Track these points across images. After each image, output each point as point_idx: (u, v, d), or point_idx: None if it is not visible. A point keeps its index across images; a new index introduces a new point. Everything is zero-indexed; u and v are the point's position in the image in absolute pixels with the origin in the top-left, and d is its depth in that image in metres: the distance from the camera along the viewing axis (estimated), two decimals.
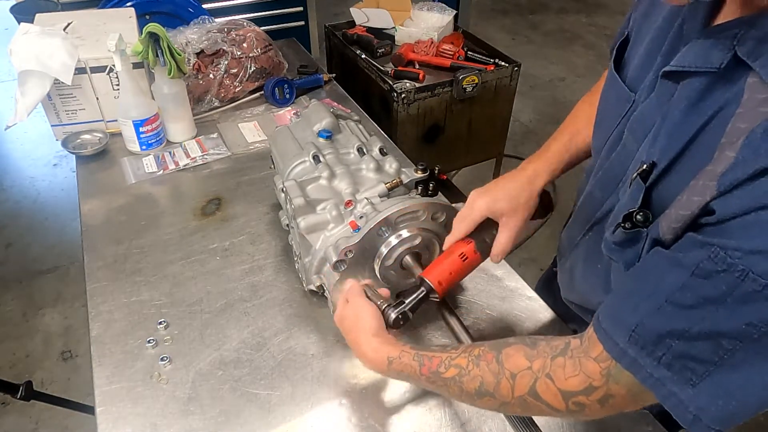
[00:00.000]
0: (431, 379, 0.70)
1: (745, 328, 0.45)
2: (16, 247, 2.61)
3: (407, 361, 0.73)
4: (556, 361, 0.61)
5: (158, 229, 1.19)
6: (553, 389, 0.60)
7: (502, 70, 2.02)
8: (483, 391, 0.65)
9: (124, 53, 1.27)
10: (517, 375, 0.63)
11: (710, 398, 0.49)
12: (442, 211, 0.91)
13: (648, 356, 0.52)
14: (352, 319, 0.82)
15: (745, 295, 0.45)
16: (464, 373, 0.67)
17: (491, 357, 0.65)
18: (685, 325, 0.49)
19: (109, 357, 0.92)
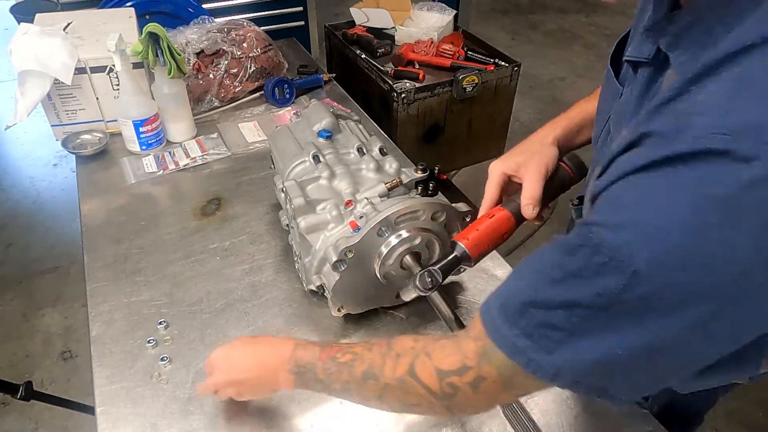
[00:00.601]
0: (326, 366, 0.70)
1: (595, 298, 0.46)
2: (16, 247, 2.61)
3: (311, 348, 0.73)
4: (439, 342, 0.62)
5: (158, 229, 1.19)
6: (430, 367, 0.60)
7: (502, 70, 2.01)
8: (369, 373, 0.65)
9: (124, 53, 1.27)
10: (401, 354, 0.63)
11: (565, 362, 0.50)
12: (442, 211, 0.91)
13: (513, 326, 0.53)
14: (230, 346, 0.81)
15: (597, 267, 0.46)
16: (357, 358, 0.68)
17: (383, 343, 0.67)
18: (548, 296, 0.50)
19: (109, 357, 0.92)
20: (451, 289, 1.06)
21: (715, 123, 0.39)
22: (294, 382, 0.73)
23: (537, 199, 0.80)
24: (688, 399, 0.86)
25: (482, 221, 0.83)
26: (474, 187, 0.87)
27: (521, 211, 0.81)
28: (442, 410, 0.62)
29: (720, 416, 1.92)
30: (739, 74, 0.41)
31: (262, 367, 0.77)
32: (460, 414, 0.63)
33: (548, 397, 0.88)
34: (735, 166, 0.38)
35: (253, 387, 0.78)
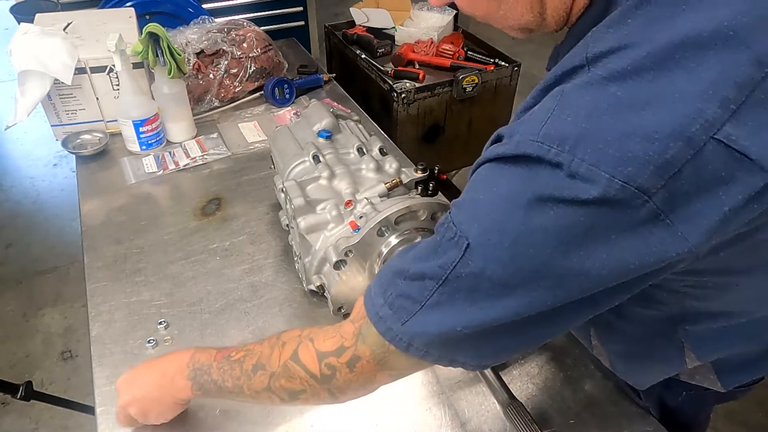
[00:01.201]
0: (221, 364, 0.70)
1: (438, 270, 0.52)
2: (16, 247, 2.61)
3: (208, 351, 0.73)
4: (323, 328, 0.65)
5: (158, 229, 1.19)
6: (312, 350, 0.63)
7: (502, 70, 2.01)
8: (258, 365, 0.67)
9: (124, 53, 1.27)
10: (287, 342, 0.66)
11: (414, 333, 0.55)
12: (442, 210, 0.91)
13: (380, 296, 0.58)
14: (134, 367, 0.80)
15: (446, 242, 0.52)
16: (248, 354, 0.69)
17: (274, 336, 0.69)
18: (410, 267, 0.56)
19: (109, 357, 0.92)
20: None
21: (534, 131, 0.46)
22: (191, 388, 0.72)
23: None
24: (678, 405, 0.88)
25: None
26: None
27: None
28: (325, 395, 0.64)
29: (720, 416, 1.92)
30: (561, 90, 0.47)
31: (162, 377, 0.75)
32: (342, 398, 0.65)
33: (548, 397, 0.88)
34: (542, 168, 0.45)
35: (153, 401, 0.76)
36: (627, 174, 0.42)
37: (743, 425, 1.91)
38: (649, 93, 0.42)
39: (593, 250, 0.46)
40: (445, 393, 0.89)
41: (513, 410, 0.72)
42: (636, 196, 0.42)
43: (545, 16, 0.55)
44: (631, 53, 0.44)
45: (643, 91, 0.43)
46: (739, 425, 1.92)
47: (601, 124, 0.43)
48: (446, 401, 0.87)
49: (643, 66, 0.43)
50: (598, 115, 0.44)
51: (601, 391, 0.89)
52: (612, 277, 0.47)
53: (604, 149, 0.42)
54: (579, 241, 0.46)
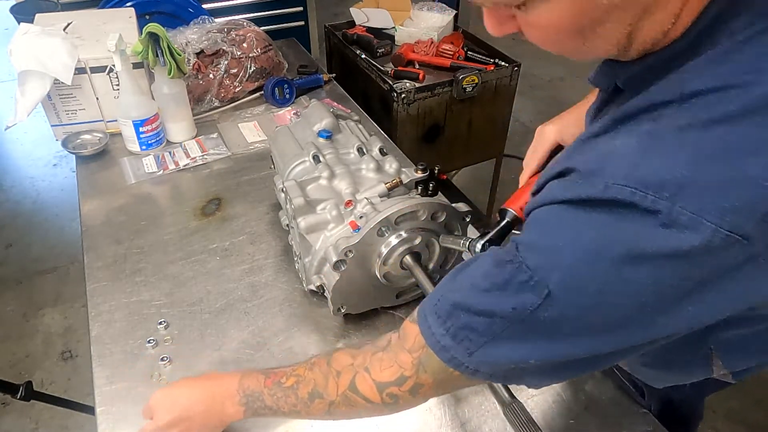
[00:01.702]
0: (272, 391, 0.71)
1: (512, 312, 0.51)
2: (16, 247, 2.61)
3: (255, 375, 0.73)
4: (375, 356, 0.64)
5: (158, 229, 1.19)
6: (369, 381, 0.63)
7: (502, 70, 2.01)
8: (315, 393, 0.68)
9: (124, 53, 1.27)
10: (341, 372, 0.66)
11: (482, 363, 0.56)
12: (442, 210, 0.91)
13: (441, 326, 0.57)
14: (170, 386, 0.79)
15: (518, 284, 0.50)
16: (301, 380, 0.69)
17: (323, 362, 0.69)
18: (473, 302, 0.54)
19: (109, 357, 0.92)
20: None
21: (625, 174, 0.43)
22: (244, 413, 0.73)
23: None
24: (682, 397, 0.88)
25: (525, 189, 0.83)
26: (474, 187, 0.87)
27: None
28: (387, 413, 0.66)
29: (720, 416, 1.92)
30: (654, 128, 0.44)
31: (210, 400, 0.74)
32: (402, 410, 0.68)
33: (548, 397, 0.88)
34: (634, 216, 0.43)
35: (200, 424, 0.75)
36: (733, 222, 0.40)
37: (743, 424, 1.91)
38: (759, 138, 0.41)
39: (687, 299, 0.45)
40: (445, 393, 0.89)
41: (513, 410, 0.72)
42: (739, 243, 0.41)
43: (629, 49, 0.51)
44: (739, 94, 0.42)
45: (752, 135, 0.41)
46: (738, 424, 1.92)
47: (705, 169, 0.41)
48: (446, 401, 0.87)
49: (752, 108, 0.41)
50: (701, 160, 0.41)
51: (601, 391, 0.89)
52: (701, 321, 0.47)
53: (709, 197, 0.40)
54: (673, 292, 0.44)
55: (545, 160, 0.86)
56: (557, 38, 0.50)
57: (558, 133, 0.85)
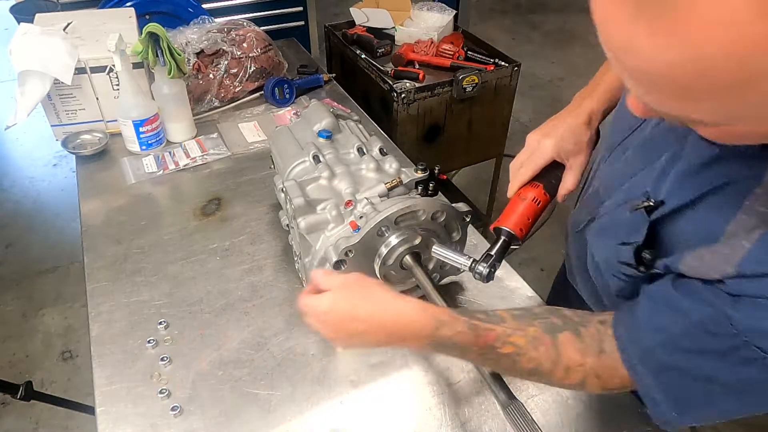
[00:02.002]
0: (482, 352, 0.67)
1: (737, 382, 0.54)
2: (16, 247, 2.61)
3: (461, 329, 0.66)
4: (602, 362, 0.66)
5: (158, 229, 1.19)
6: (599, 386, 0.68)
7: (502, 70, 2.01)
8: (537, 372, 0.69)
9: (124, 53, 1.26)
10: (571, 369, 0.67)
11: (690, 419, 0.59)
12: (442, 210, 0.91)
13: (653, 379, 0.60)
14: (354, 292, 0.69)
15: (744, 359, 0.52)
16: (521, 353, 0.67)
17: (549, 342, 0.67)
18: (685, 365, 0.57)
19: (109, 357, 0.92)
20: (450, 288, 1.06)
21: None
22: (430, 351, 0.75)
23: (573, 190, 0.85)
24: None
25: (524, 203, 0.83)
26: (474, 187, 0.88)
27: (559, 194, 0.85)
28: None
29: None
30: None
31: (390, 338, 0.67)
32: None
33: (548, 397, 0.88)
34: None
35: (373, 347, 0.77)
36: None
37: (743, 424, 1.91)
38: None
39: None
40: (445, 393, 0.89)
41: (513, 410, 0.72)
42: None
43: None
44: None
45: None
46: (739, 425, 1.91)
47: None
48: (446, 401, 0.88)
49: None
50: None
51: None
52: None
53: None
54: None
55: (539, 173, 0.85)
56: (741, 140, 0.45)
57: (556, 148, 0.83)
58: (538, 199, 0.83)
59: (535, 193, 0.83)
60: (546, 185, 0.84)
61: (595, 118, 0.86)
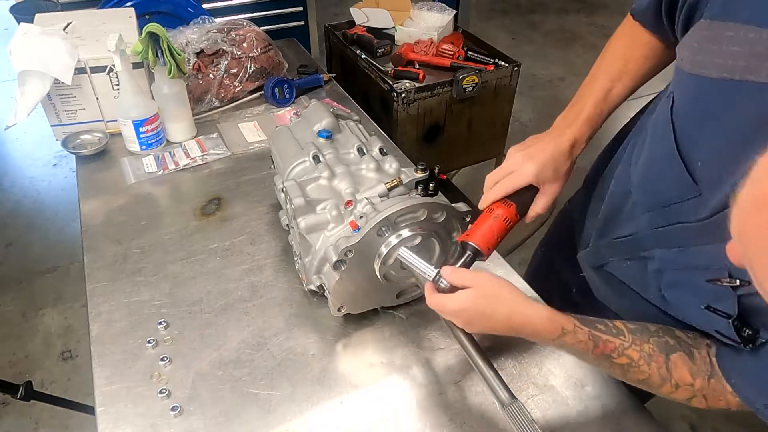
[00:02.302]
0: (599, 360, 0.75)
1: None
2: (16, 247, 2.61)
3: (582, 338, 0.74)
4: (710, 384, 0.71)
5: (158, 229, 1.19)
6: (704, 405, 0.73)
7: (502, 70, 2.01)
8: (645, 383, 0.74)
9: (124, 53, 1.26)
10: (680, 387, 0.72)
11: None
12: (442, 210, 0.91)
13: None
14: (489, 297, 0.74)
15: None
16: (634, 365, 0.73)
17: (662, 361, 0.73)
18: None
19: (109, 357, 0.92)
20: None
21: None
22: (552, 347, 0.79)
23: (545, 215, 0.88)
24: None
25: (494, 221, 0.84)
26: (474, 188, 0.88)
27: (528, 215, 0.88)
28: None
29: (720, 416, 1.92)
30: None
31: (518, 334, 0.75)
32: None
33: (548, 397, 0.88)
34: None
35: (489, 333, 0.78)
36: None
37: (743, 424, 1.91)
38: None
39: None
40: (445, 393, 0.89)
41: (513, 410, 0.72)
42: None
43: None
44: None
45: None
46: (739, 425, 1.92)
47: None
48: (446, 401, 0.88)
49: None
50: None
51: (602, 391, 0.89)
52: None
53: None
54: None
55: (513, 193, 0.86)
56: None
57: (536, 175, 0.84)
58: (508, 219, 0.85)
59: (507, 212, 0.85)
60: (518, 206, 0.85)
61: (578, 148, 0.88)
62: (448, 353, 0.95)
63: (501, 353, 0.95)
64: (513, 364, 0.93)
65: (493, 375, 0.77)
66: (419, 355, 0.95)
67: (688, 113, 0.67)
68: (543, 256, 1.25)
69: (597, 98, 0.87)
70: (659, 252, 0.75)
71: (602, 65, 0.90)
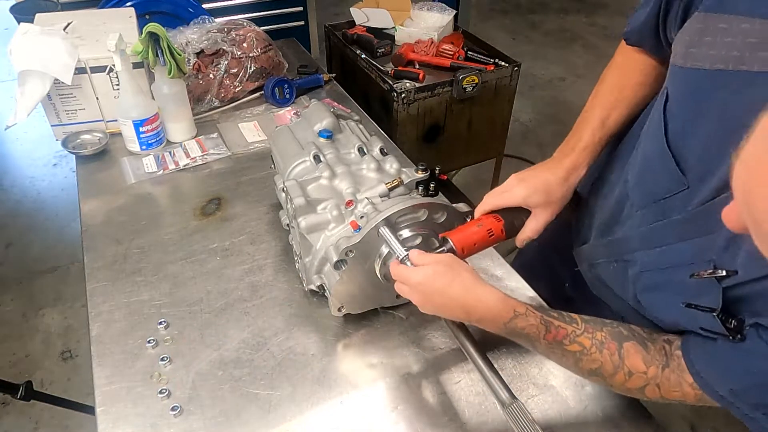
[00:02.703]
0: (550, 346, 0.75)
1: None
2: (16, 247, 2.61)
3: (533, 322, 0.75)
4: (664, 373, 0.71)
5: (158, 229, 1.19)
6: (658, 394, 0.72)
7: (502, 70, 2.01)
8: (598, 373, 0.74)
9: (124, 53, 1.26)
10: (634, 374, 0.72)
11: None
12: (443, 211, 0.91)
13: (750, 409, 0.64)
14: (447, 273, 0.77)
15: None
16: (585, 353, 0.74)
17: (614, 348, 0.73)
18: None
19: (109, 357, 0.92)
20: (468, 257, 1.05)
21: None
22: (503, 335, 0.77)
23: (530, 240, 0.90)
24: None
25: (479, 229, 0.87)
26: (474, 188, 0.88)
27: (517, 239, 0.90)
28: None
29: (720, 416, 1.92)
30: None
31: (469, 315, 0.77)
32: None
33: (548, 397, 0.88)
34: None
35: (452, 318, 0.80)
36: None
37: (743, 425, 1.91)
38: None
39: None
40: (445, 393, 0.89)
41: (513, 410, 0.72)
42: None
43: None
44: None
45: None
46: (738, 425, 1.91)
47: None
48: (446, 401, 0.88)
49: None
50: None
51: (602, 392, 0.89)
52: None
53: None
54: None
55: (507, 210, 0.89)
56: None
57: (524, 197, 0.87)
58: (492, 232, 0.87)
59: (493, 225, 0.87)
60: (506, 224, 0.88)
61: (575, 175, 0.89)
62: (448, 353, 0.95)
63: (501, 353, 0.95)
64: (513, 364, 0.93)
65: (494, 375, 0.77)
66: (419, 355, 0.95)
67: (681, 107, 0.68)
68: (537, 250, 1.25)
69: (594, 126, 0.89)
70: (641, 254, 0.76)
71: (597, 96, 0.91)
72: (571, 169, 0.89)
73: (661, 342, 0.73)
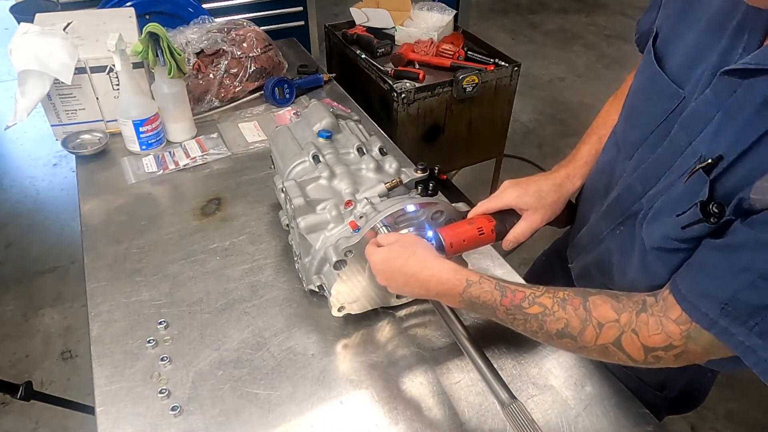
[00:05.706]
0: (510, 311, 0.72)
1: None
2: (16, 247, 2.61)
3: (488, 288, 0.74)
4: (640, 317, 0.66)
5: (158, 229, 1.19)
6: (638, 344, 0.66)
7: (502, 70, 2.01)
8: (566, 333, 0.69)
9: (124, 53, 1.26)
10: (604, 325, 0.68)
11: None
12: (442, 211, 0.91)
13: (741, 326, 0.58)
14: (404, 251, 0.79)
15: None
16: (548, 313, 0.70)
17: (578, 302, 0.70)
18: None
19: (109, 357, 0.92)
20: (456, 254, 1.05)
21: None
22: (465, 309, 0.77)
23: (519, 243, 0.91)
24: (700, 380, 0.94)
25: (469, 227, 0.89)
26: (474, 188, 0.89)
27: (504, 240, 0.91)
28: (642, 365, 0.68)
29: (720, 416, 1.92)
30: None
31: (426, 291, 0.78)
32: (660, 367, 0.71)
33: (548, 397, 0.88)
34: None
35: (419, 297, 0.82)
36: None
37: (743, 425, 1.91)
38: None
39: None
40: (445, 393, 0.89)
41: (513, 410, 0.72)
42: None
43: None
44: None
45: None
46: (739, 425, 1.92)
47: None
48: (446, 401, 0.88)
49: None
50: None
51: (601, 391, 0.89)
52: None
53: None
54: None
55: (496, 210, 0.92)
56: None
57: (515, 199, 0.90)
58: (483, 231, 0.89)
59: (484, 225, 0.90)
60: (497, 225, 0.90)
61: (570, 183, 0.93)
62: (448, 353, 0.95)
63: (501, 353, 0.95)
64: (513, 364, 0.93)
65: (493, 375, 0.77)
66: (419, 355, 0.95)
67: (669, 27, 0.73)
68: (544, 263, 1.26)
69: (591, 142, 0.94)
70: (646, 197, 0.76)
71: (597, 121, 0.97)
72: (565, 178, 0.93)
73: (642, 296, 0.69)
